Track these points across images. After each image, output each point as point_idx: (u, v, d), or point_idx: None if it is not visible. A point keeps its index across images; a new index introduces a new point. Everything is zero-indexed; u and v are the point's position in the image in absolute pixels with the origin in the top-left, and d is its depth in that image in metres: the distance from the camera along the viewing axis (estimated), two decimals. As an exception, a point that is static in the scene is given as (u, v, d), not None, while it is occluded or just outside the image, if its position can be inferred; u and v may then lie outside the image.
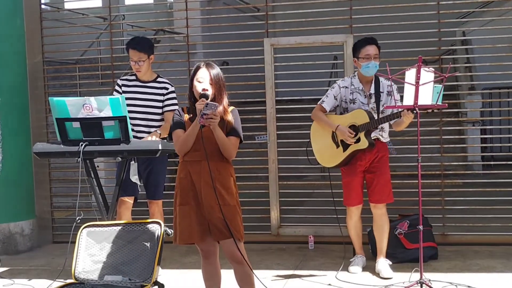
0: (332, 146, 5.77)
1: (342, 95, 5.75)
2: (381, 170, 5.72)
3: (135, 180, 5.31)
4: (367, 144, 5.55)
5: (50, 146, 5.09)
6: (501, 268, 5.84)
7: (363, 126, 5.55)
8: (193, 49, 8.54)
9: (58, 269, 5.95)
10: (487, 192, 7.23)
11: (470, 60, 11.28)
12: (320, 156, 5.93)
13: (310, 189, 8.80)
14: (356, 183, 5.76)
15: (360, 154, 5.67)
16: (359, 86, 5.72)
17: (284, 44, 7.46)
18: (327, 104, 5.78)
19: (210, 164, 4.15)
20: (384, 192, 5.73)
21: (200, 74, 4.25)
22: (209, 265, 4.46)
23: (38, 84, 7.84)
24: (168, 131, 5.88)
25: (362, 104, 5.68)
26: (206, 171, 4.17)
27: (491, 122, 10.91)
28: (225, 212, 4.16)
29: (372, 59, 5.59)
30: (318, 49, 7.62)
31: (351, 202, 5.83)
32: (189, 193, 4.25)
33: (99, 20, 10.81)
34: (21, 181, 7.37)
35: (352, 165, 5.73)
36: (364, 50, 5.63)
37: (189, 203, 4.24)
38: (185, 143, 4.22)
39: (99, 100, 4.72)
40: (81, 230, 4.76)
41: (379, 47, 5.69)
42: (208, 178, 4.17)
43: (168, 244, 4.62)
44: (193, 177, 4.23)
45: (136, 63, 5.81)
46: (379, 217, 5.80)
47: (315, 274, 5.88)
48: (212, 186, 4.14)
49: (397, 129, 5.71)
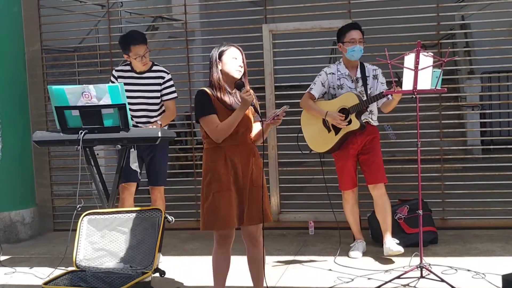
0: (324, 131, 5.81)
1: (329, 81, 5.82)
2: (374, 150, 5.80)
3: (135, 168, 5.31)
4: (359, 125, 5.61)
5: (49, 135, 5.09)
6: (500, 252, 5.86)
7: (353, 107, 5.61)
8: (192, 36, 8.52)
9: (59, 257, 5.98)
10: (487, 176, 7.24)
11: (469, 44, 11.25)
12: (313, 143, 5.96)
13: (310, 175, 8.81)
14: (350, 166, 5.83)
15: (352, 138, 5.73)
16: (345, 71, 5.80)
17: (283, 30, 7.45)
18: (315, 91, 5.84)
19: (247, 148, 4.26)
20: (379, 171, 5.79)
21: (234, 53, 4.24)
22: (223, 253, 4.35)
23: (37, 72, 7.82)
24: (169, 119, 5.89)
25: (350, 89, 5.75)
26: (244, 154, 4.21)
27: (491, 106, 10.91)
28: (259, 194, 4.20)
29: (357, 43, 5.66)
30: (317, 35, 7.61)
31: (346, 185, 5.90)
32: (228, 178, 4.19)
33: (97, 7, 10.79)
34: (21, 169, 7.38)
35: (345, 150, 5.80)
36: (348, 34, 5.70)
37: (230, 189, 4.18)
38: (228, 131, 4.16)
39: (98, 88, 4.72)
40: (82, 218, 4.78)
41: (363, 32, 5.77)
42: (246, 161, 4.21)
43: (169, 231, 4.64)
44: (233, 161, 4.20)
45: (143, 57, 5.76)
46: (380, 198, 5.80)
47: (316, 259, 5.90)
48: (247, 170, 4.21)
49: (386, 111, 5.77)
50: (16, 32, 7.40)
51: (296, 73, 7.89)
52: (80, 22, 8.94)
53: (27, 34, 7.56)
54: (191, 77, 7.91)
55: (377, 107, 5.86)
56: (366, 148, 5.78)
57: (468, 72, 10.98)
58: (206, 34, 9.49)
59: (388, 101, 5.61)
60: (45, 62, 8.10)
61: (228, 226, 4.19)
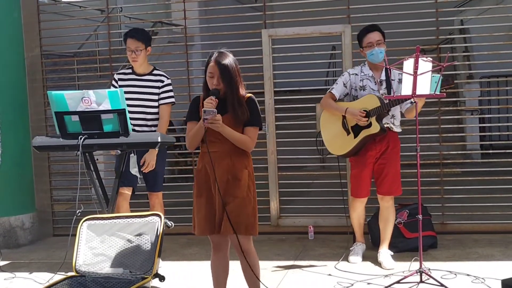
0: (343, 133, 5.68)
1: (352, 82, 5.68)
2: (391, 161, 5.66)
3: (135, 173, 5.32)
4: (379, 129, 5.47)
5: (49, 140, 5.09)
6: (499, 256, 5.86)
7: (374, 110, 5.45)
8: (191, 41, 8.53)
9: (59, 262, 5.97)
10: (486, 181, 7.25)
11: (468, 49, 11.27)
12: (330, 145, 5.84)
13: (310, 179, 8.83)
14: (365, 174, 5.70)
15: (371, 144, 5.60)
16: (369, 73, 5.66)
17: (282, 35, 7.46)
18: (336, 90, 5.72)
19: (226, 155, 4.19)
20: (394, 184, 5.69)
21: (210, 69, 4.19)
22: (218, 258, 4.40)
23: (37, 78, 7.83)
24: (164, 130, 5.88)
25: (372, 91, 5.60)
26: (218, 163, 4.17)
27: (490, 110, 10.93)
28: (233, 205, 4.15)
29: (375, 46, 5.55)
30: (316, 40, 7.62)
31: (360, 193, 5.77)
32: (203, 185, 4.24)
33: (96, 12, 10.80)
34: (21, 174, 7.39)
35: (362, 156, 5.67)
36: (365, 38, 5.60)
37: (204, 195, 4.24)
38: (192, 140, 4.23)
39: (98, 94, 4.72)
40: (81, 223, 4.78)
41: (383, 32, 5.65)
42: (220, 170, 4.17)
43: (168, 236, 4.64)
44: (206, 169, 4.23)
45: (133, 52, 5.79)
46: (386, 209, 5.78)
47: (315, 264, 5.90)
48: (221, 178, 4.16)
49: (409, 116, 5.62)
50: (16, 37, 7.41)
51: (296, 78, 7.90)
52: (80, 27, 8.96)
53: (27, 39, 7.57)
54: (191, 82, 7.91)
55: (399, 113, 5.73)
56: (384, 157, 5.65)
57: (467, 77, 11.01)
58: (205, 39, 9.50)
59: (412, 106, 5.40)
60: (45, 67, 8.11)
61: (201, 232, 4.25)
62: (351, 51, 7.05)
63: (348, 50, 7.07)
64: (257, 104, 4.30)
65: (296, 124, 7.88)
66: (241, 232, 4.18)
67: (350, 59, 7.04)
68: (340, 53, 7.27)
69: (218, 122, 4.04)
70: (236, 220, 4.14)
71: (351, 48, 7.05)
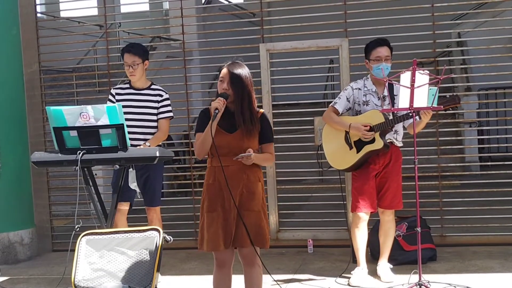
0: (345, 148, 5.61)
1: (355, 96, 5.61)
2: (393, 175, 5.60)
3: (134, 187, 5.31)
4: (382, 145, 5.41)
5: (47, 155, 5.09)
6: (499, 269, 5.86)
7: (378, 126, 5.40)
8: (190, 56, 8.56)
9: (58, 277, 5.96)
10: (485, 193, 7.25)
11: (466, 61, 11.32)
12: (333, 159, 5.76)
13: (308, 192, 8.83)
14: (368, 187, 5.56)
15: (373, 158, 5.54)
16: (372, 87, 5.60)
17: (280, 49, 7.49)
18: (339, 105, 5.65)
19: (240, 169, 4.21)
20: (395, 198, 5.62)
21: (222, 74, 4.27)
22: (222, 274, 4.39)
23: (35, 93, 7.85)
24: (160, 140, 5.88)
25: (375, 106, 5.53)
26: (232, 176, 4.18)
27: (488, 122, 10.95)
28: (249, 218, 4.16)
29: (383, 61, 5.47)
30: (314, 54, 7.65)
31: (361, 207, 5.56)
32: (217, 199, 4.23)
33: (95, 28, 10.84)
34: (19, 190, 7.39)
35: (365, 169, 5.58)
36: (375, 52, 5.51)
37: (216, 210, 4.22)
38: (202, 145, 4.23)
39: (96, 109, 4.73)
40: (80, 238, 4.77)
41: (391, 48, 5.59)
42: (235, 183, 4.18)
43: (167, 251, 4.64)
44: (220, 183, 4.22)
45: (130, 66, 5.82)
46: (386, 223, 5.72)
47: (315, 278, 5.89)
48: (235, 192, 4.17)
49: (412, 132, 5.42)
50: (14, 53, 7.43)
51: (294, 91, 7.92)
52: (79, 43, 9.00)
53: (25, 55, 7.60)
54: (189, 96, 7.93)
55: (402, 128, 5.66)
56: (386, 171, 5.58)
57: (465, 89, 11.04)
58: (204, 53, 9.54)
59: (416, 122, 5.27)
60: (44, 82, 8.13)
61: (214, 247, 4.22)
62: (348, 65, 7.08)
63: (345, 64, 7.09)
64: (269, 120, 4.39)
65: (294, 138, 7.88)
66: (258, 244, 4.20)
67: (348, 72, 7.06)
68: (338, 67, 7.29)
69: (251, 160, 4.14)
70: (256, 233, 4.17)
71: (349, 62, 7.08)
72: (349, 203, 6.19)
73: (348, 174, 6.18)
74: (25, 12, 7.68)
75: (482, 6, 9.44)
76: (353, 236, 5.72)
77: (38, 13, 8.25)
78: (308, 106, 8.48)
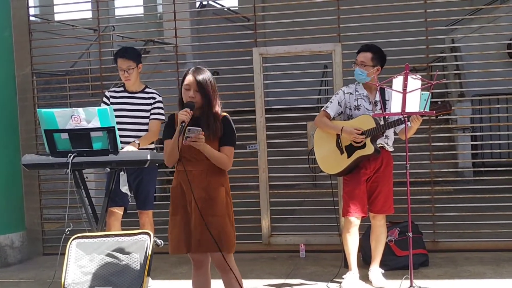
0: (336, 152, 5.60)
1: (346, 101, 5.62)
2: (384, 180, 5.60)
3: (125, 191, 5.30)
4: (373, 150, 5.41)
5: (39, 158, 5.08)
6: (491, 275, 5.85)
7: (369, 131, 5.40)
8: (183, 59, 8.54)
9: (48, 281, 5.93)
10: (478, 199, 7.25)
11: (460, 67, 11.33)
12: (323, 163, 5.75)
13: (301, 197, 8.82)
14: (359, 192, 5.54)
15: (364, 162, 5.53)
16: (363, 92, 5.60)
17: (273, 54, 7.49)
18: (331, 109, 5.63)
19: (203, 174, 4.20)
20: (386, 203, 5.62)
21: (186, 81, 4.24)
22: (199, 275, 4.45)
23: (27, 96, 7.82)
24: (149, 141, 5.86)
25: (367, 111, 5.54)
26: (194, 181, 4.18)
27: (481, 128, 10.95)
28: (213, 223, 4.16)
29: (357, 66, 5.57)
30: (308, 58, 7.65)
31: (352, 212, 5.53)
32: (179, 203, 4.27)
33: (88, 31, 10.82)
34: (10, 193, 7.35)
35: (356, 174, 5.57)
36: (357, 56, 5.65)
37: (179, 213, 4.26)
38: (170, 156, 4.25)
39: (88, 111, 4.72)
40: (70, 242, 4.74)
41: (374, 53, 5.60)
42: (197, 188, 4.18)
43: (158, 255, 4.63)
44: (182, 187, 4.25)
45: (125, 71, 5.81)
46: (377, 228, 5.72)
47: (306, 283, 5.87)
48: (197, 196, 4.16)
49: (403, 137, 5.48)
50: (6, 56, 7.41)
51: (287, 96, 7.90)
52: (72, 46, 8.98)
53: (17, 58, 7.58)
54: (182, 100, 7.89)
55: (393, 133, 5.68)
56: (377, 176, 5.58)
57: (459, 95, 11.04)
58: (197, 57, 9.53)
59: (407, 127, 5.28)
60: (36, 85, 8.11)
61: (176, 250, 4.29)
62: (341, 70, 7.07)
63: (338, 69, 7.09)
64: (232, 124, 4.33)
65: (287, 142, 7.87)
66: (223, 249, 4.19)
67: (341, 77, 7.05)
68: (331, 72, 7.29)
69: (201, 141, 4.06)
70: (218, 238, 4.16)
71: (342, 67, 7.07)
72: (341, 208, 6.17)
73: (341, 179, 6.17)
74: (17, 14, 7.67)
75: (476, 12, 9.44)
76: (344, 241, 5.69)
77: (31, 16, 8.22)
78: (301, 111, 8.46)
